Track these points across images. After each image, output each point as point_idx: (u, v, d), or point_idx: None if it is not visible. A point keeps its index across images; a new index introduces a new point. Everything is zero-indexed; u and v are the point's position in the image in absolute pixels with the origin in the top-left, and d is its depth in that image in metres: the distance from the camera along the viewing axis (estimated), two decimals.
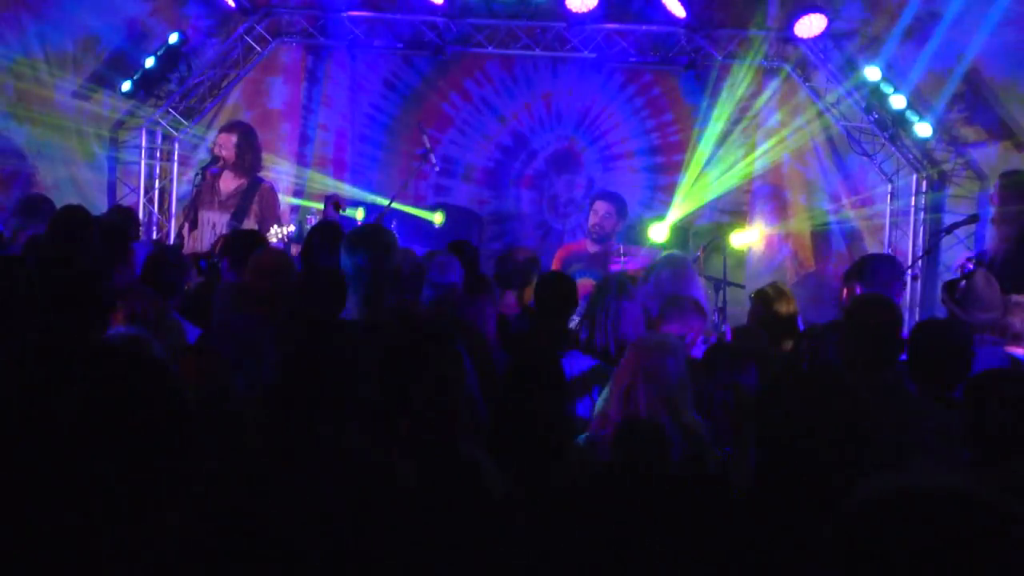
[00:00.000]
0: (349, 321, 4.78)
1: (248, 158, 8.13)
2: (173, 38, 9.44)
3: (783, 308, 5.89)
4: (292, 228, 7.88)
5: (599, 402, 4.50)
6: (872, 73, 8.94)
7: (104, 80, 9.65)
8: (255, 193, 8.04)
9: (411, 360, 3.23)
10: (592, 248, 8.42)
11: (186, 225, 8.12)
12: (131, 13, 9.63)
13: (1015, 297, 5.18)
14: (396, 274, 5.10)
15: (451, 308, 5.52)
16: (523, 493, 3.35)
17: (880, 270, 5.60)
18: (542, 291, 5.86)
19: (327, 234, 5.96)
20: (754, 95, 9.59)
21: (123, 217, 7.31)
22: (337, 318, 4.77)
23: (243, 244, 5.88)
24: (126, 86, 9.50)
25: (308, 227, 8.40)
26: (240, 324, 5.10)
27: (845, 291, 5.90)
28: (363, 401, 3.17)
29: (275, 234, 7.63)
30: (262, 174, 8.61)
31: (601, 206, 8.44)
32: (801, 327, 6.52)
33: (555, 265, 8.23)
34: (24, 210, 6.91)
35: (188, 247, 7.81)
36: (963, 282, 5.21)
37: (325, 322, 4.03)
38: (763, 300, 5.88)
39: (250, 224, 7.92)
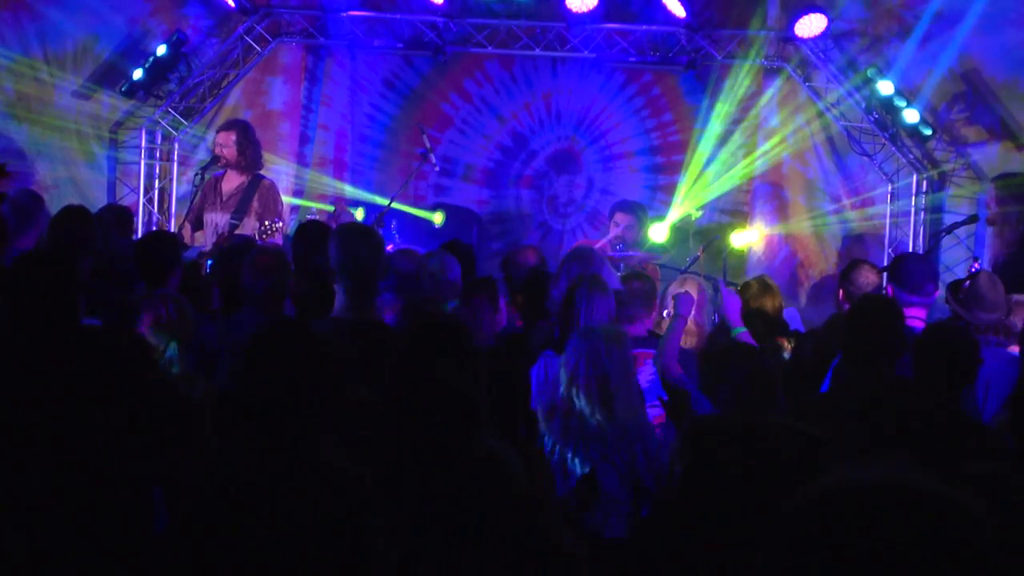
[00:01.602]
0: (337, 320, 4.76)
1: (248, 154, 8.11)
2: (173, 38, 9.44)
3: (768, 303, 5.84)
4: (281, 224, 7.82)
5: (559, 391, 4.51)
6: (872, 73, 8.96)
7: (104, 80, 9.65)
8: (255, 190, 8.01)
9: (427, 358, 3.17)
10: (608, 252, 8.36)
11: (188, 227, 8.09)
12: (131, 13, 9.62)
13: (1017, 297, 5.19)
14: (383, 272, 5.09)
15: (439, 306, 5.50)
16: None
17: (914, 271, 5.52)
18: (534, 292, 5.81)
19: (318, 234, 5.88)
20: (754, 95, 9.60)
21: (115, 216, 7.23)
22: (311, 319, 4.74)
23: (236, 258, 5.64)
24: (126, 86, 9.50)
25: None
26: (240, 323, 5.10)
27: (841, 292, 5.87)
28: (346, 403, 3.10)
29: (268, 230, 7.56)
30: (262, 173, 8.58)
31: (622, 218, 8.33)
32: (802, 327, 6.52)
33: None
34: (13, 213, 6.18)
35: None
36: (967, 282, 5.21)
37: (292, 323, 3.95)
38: (747, 295, 5.82)
39: (250, 222, 7.90)
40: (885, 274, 5.98)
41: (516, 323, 5.98)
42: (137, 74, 9.45)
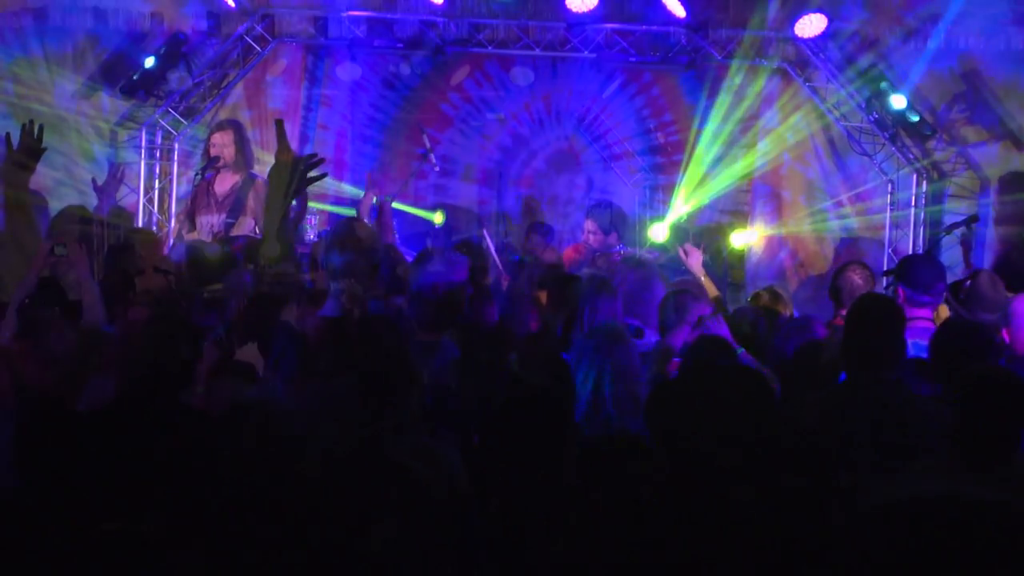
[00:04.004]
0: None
1: (245, 153, 8.13)
2: (173, 38, 9.44)
3: (780, 311, 5.88)
4: None
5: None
6: (872, 73, 8.96)
7: (104, 80, 9.65)
8: (250, 189, 8.02)
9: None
10: (591, 253, 8.44)
11: (175, 227, 8.10)
12: (131, 13, 9.62)
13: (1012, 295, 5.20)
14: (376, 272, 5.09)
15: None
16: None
17: (924, 270, 5.49)
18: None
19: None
20: (754, 95, 9.59)
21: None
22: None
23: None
24: (126, 86, 9.49)
25: (308, 227, 8.37)
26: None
27: (829, 294, 5.88)
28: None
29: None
30: (262, 172, 8.59)
31: (588, 224, 8.64)
32: None
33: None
34: None
35: None
36: (967, 282, 5.22)
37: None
38: (759, 304, 5.86)
39: (245, 220, 7.90)
40: (886, 278, 5.99)
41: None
42: (137, 74, 9.45)
